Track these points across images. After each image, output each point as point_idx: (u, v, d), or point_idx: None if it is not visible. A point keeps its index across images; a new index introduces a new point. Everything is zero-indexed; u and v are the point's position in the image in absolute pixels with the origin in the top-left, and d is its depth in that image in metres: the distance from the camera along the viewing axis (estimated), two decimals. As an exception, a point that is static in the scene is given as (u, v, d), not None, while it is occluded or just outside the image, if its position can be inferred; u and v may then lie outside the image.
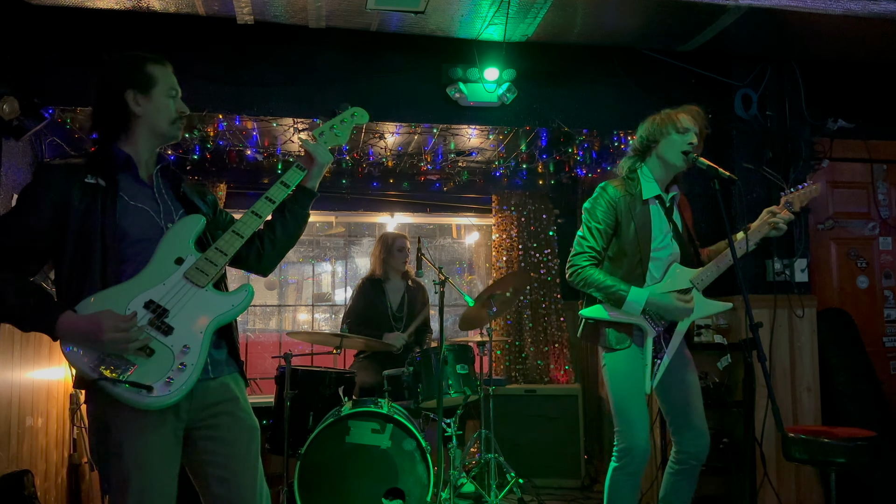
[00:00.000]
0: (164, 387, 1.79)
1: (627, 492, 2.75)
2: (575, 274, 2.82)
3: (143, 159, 2.02)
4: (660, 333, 2.80)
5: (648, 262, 2.79)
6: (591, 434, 5.10)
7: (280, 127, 4.46)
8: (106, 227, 1.86)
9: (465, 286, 6.89)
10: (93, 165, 1.94)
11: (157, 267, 1.89)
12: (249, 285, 2.00)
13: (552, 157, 5.13)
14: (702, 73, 4.09)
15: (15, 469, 3.25)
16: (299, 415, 3.83)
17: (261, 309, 7.33)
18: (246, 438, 2.00)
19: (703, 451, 2.83)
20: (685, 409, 2.85)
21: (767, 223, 2.82)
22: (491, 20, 3.63)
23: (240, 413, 2.01)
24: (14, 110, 3.24)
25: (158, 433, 1.86)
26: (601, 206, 2.83)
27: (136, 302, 1.84)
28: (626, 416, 2.75)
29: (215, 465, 1.94)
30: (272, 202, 2.07)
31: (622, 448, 2.75)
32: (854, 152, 4.36)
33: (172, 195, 2.06)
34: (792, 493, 3.82)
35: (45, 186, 1.88)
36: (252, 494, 1.96)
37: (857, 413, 3.91)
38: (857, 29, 3.67)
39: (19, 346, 3.40)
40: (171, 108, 2.02)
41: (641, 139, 2.88)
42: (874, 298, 4.44)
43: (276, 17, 3.62)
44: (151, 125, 2.00)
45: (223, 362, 2.03)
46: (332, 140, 2.22)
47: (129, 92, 1.97)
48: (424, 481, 3.52)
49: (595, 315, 2.83)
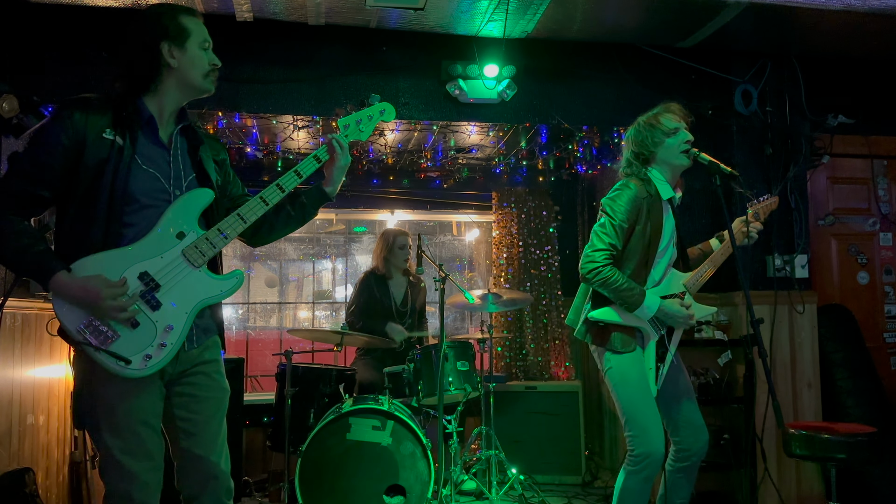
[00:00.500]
0: (143, 361, 1.86)
1: (639, 496, 2.72)
2: (594, 272, 2.67)
3: (166, 116, 2.02)
4: (662, 337, 2.79)
5: (653, 265, 2.78)
6: (591, 430, 5.10)
7: (280, 124, 4.46)
8: (115, 190, 1.87)
9: (465, 283, 6.89)
10: (115, 120, 1.92)
11: (157, 238, 1.91)
12: (240, 271, 2.03)
13: (552, 153, 5.13)
14: (702, 69, 4.08)
15: (16, 467, 3.25)
16: (300, 412, 3.84)
17: (261, 307, 7.33)
18: (216, 398, 2.07)
19: (703, 448, 2.82)
20: (682, 408, 2.84)
21: (741, 231, 2.88)
22: (490, 16, 3.62)
23: (214, 375, 2.08)
24: (14, 108, 3.24)
25: (146, 392, 1.92)
26: (626, 202, 2.71)
27: (132, 271, 1.87)
28: (640, 422, 2.68)
29: (185, 420, 2.01)
30: (282, 190, 2.07)
31: (639, 454, 2.67)
32: (854, 148, 4.36)
33: (188, 159, 2.05)
34: (792, 489, 3.83)
35: (63, 125, 1.86)
36: (213, 450, 2.03)
37: (857, 409, 3.91)
38: (858, 24, 3.66)
39: (20, 343, 3.41)
40: (205, 60, 2.01)
41: (636, 153, 2.83)
42: (875, 294, 4.44)
43: (275, 14, 3.62)
44: (184, 78, 1.99)
45: (204, 329, 2.07)
46: (356, 135, 2.21)
47: (164, 44, 1.95)
48: (425, 478, 3.52)
49: (606, 318, 2.74)
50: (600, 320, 2.76)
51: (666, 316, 2.72)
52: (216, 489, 2.03)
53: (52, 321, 3.56)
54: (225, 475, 2.05)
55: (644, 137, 2.80)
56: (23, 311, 3.42)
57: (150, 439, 1.93)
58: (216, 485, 2.03)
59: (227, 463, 2.08)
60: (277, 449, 3.87)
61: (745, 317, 3.83)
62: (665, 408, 2.87)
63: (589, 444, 4.94)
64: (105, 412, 1.89)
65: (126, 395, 1.89)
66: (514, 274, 5.44)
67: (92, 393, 1.91)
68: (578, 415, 4.82)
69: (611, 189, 2.81)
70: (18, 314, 3.38)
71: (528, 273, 5.44)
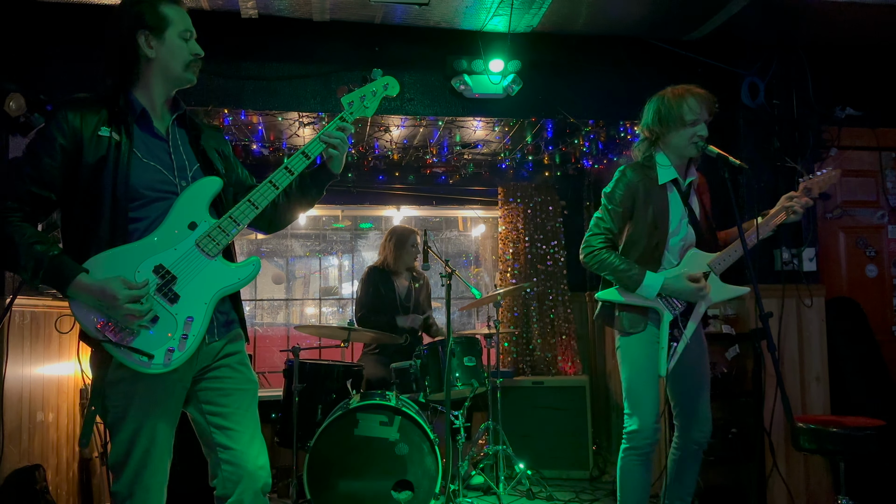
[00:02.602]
0: (166, 356, 1.82)
1: (639, 475, 2.74)
2: (590, 255, 2.81)
3: (158, 107, 1.98)
4: (677, 316, 2.78)
5: (665, 247, 2.79)
6: (599, 425, 5.10)
7: (285, 121, 4.46)
8: (118, 186, 1.84)
9: (471, 279, 6.89)
10: (109, 116, 1.89)
11: (169, 230, 1.88)
12: (256, 257, 2.00)
13: (558, 148, 5.12)
14: (708, 61, 4.06)
15: (27, 464, 3.27)
16: (308, 408, 3.85)
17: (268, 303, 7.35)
18: (247, 390, 2.03)
19: (706, 438, 2.87)
20: (695, 398, 2.86)
21: (784, 208, 2.79)
22: (495, 11, 3.61)
23: (239, 367, 2.04)
24: (20, 107, 3.25)
25: (165, 392, 1.89)
26: (620, 188, 2.81)
27: (146, 265, 1.84)
28: (636, 399, 2.76)
29: (216, 415, 1.97)
30: (291, 173, 2.02)
31: (631, 430, 2.75)
32: (862, 140, 4.32)
33: (189, 148, 2.02)
34: (801, 483, 3.82)
35: (58, 129, 1.84)
36: (251, 444, 1.98)
37: (866, 402, 3.89)
38: (866, 15, 3.64)
39: (29, 341, 3.43)
40: (186, 50, 1.95)
41: (648, 127, 2.84)
42: (883, 287, 4.41)
43: (280, 11, 3.62)
44: (164, 69, 1.94)
45: (226, 322, 2.04)
46: (360, 111, 2.15)
47: (141, 34, 1.90)
48: (433, 473, 3.53)
49: (609, 298, 2.83)
50: (606, 300, 2.86)
51: (674, 292, 2.74)
52: (253, 484, 1.94)
53: (60, 319, 3.58)
54: (265, 470, 1.98)
55: (663, 115, 2.78)
56: (31, 309, 3.44)
57: (166, 449, 1.90)
58: (254, 480, 1.94)
59: (265, 456, 2.00)
60: (285, 445, 3.88)
61: (752, 310, 3.82)
62: (679, 395, 2.89)
63: (596, 439, 4.94)
64: (126, 413, 1.85)
65: (148, 394, 1.85)
66: (520, 269, 5.43)
67: (111, 394, 1.86)
68: (586, 409, 4.82)
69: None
70: (27, 312, 3.40)
71: (534, 268, 5.43)
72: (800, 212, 2.79)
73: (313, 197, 2.20)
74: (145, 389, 1.85)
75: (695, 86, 2.81)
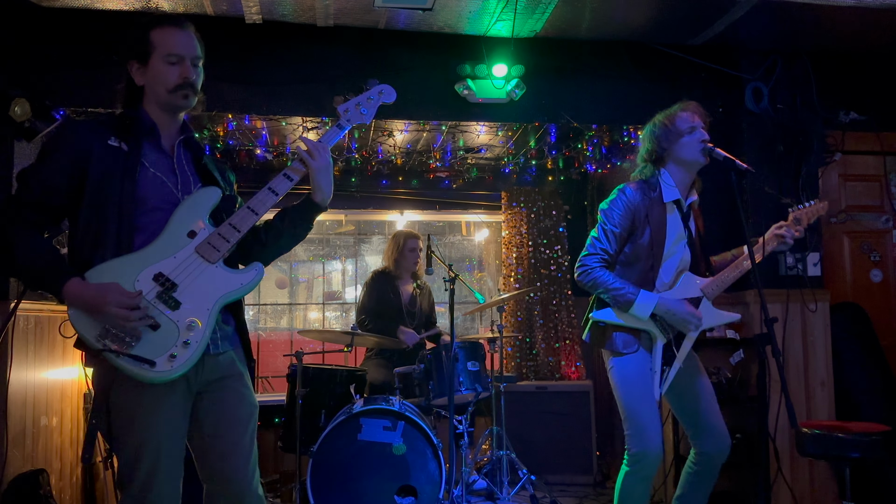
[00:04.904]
0: (167, 362, 1.79)
1: (640, 493, 2.71)
2: (584, 274, 2.77)
3: (166, 126, 2.01)
4: (670, 340, 2.76)
5: (660, 268, 2.77)
6: (602, 430, 5.08)
7: (289, 126, 4.47)
8: (124, 194, 1.85)
9: (475, 283, 6.88)
10: (118, 128, 1.93)
11: (168, 238, 1.88)
12: (259, 263, 1.99)
13: (561, 152, 5.12)
14: (712, 66, 4.06)
15: (30, 468, 3.28)
16: (311, 413, 3.84)
17: (272, 308, 7.35)
18: (246, 415, 2.03)
19: (724, 452, 2.79)
20: (701, 414, 2.81)
21: (776, 236, 2.80)
22: (499, 16, 3.62)
23: (243, 389, 2.03)
24: (26, 112, 3.26)
25: (169, 403, 1.87)
26: (619, 208, 2.76)
27: (146, 274, 1.83)
28: (638, 421, 2.69)
29: (216, 438, 1.96)
30: (290, 179, 2.00)
31: (635, 453, 2.68)
32: (866, 145, 4.31)
33: (193, 168, 2.04)
34: (806, 489, 3.80)
35: (67, 141, 1.87)
36: (246, 470, 1.98)
37: (871, 408, 3.87)
38: (869, 20, 3.63)
39: (34, 346, 3.43)
40: (169, 76, 1.94)
41: (650, 150, 2.82)
42: (888, 292, 4.39)
43: (284, 16, 3.63)
44: (154, 95, 1.97)
45: (230, 337, 2.04)
46: (358, 118, 2.15)
47: (132, 63, 1.96)
48: (436, 478, 3.52)
49: (606, 318, 2.78)
50: (601, 321, 2.81)
51: (667, 314, 2.70)
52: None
53: (64, 323, 3.59)
54: (260, 499, 1.99)
55: (659, 135, 2.79)
56: (36, 314, 3.45)
57: (173, 464, 1.88)
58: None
59: (259, 485, 2.02)
60: (289, 450, 3.88)
61: (757, 315, 3.80)
62: (684, 412, 2.86)
63: (600, 444, 4.93)
64: (130, 428, 1.83)
65: (153, 408, 1.83)
66: (523, 274, 5.43)
67: (114, 407, 1.84)
68: (590, 415, 4.81)
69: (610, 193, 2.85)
70: (31, 317, 3.41)
71: (537, 273, 5.43)
72: (789, 242, 2.80)
73: (296, 231, 2.13)
74: (148, 403, 1.83)
75: (680, 101, 2.83)
